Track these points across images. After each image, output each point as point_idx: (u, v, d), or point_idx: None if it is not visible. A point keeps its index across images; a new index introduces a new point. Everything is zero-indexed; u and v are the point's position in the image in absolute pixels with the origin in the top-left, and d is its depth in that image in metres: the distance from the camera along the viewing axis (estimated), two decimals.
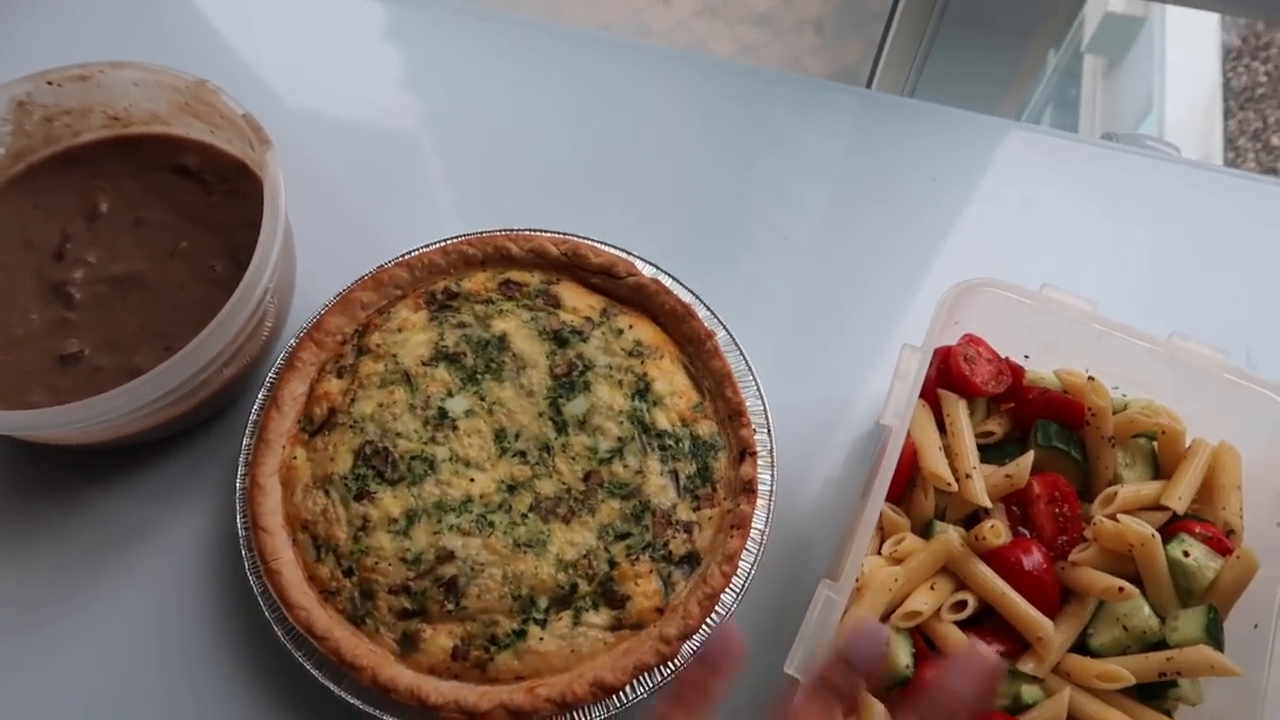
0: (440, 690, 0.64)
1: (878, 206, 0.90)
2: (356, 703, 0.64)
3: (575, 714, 0.64)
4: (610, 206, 0.88)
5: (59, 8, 0.99)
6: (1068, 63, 2.14)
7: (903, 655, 0.61)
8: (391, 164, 0.91)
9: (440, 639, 0.66)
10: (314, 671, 0.65)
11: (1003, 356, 0.74)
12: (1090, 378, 0.70)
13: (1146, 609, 0.64)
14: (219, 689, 0.67)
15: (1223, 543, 0.65)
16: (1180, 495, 0.67)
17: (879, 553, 0.66)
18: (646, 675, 0.65)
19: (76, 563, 0.72)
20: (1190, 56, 2.18)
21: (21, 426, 0.65)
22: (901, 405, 0.64)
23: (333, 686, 0.64)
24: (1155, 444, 0.72)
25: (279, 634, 0.66)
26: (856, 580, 0.63)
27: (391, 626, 0.66)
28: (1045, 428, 0.71)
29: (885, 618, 0.63)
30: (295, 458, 0.71)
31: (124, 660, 0.68)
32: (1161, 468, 0.71)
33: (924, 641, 0.64)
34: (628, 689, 0.65)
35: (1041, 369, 0.74)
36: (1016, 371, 0.74)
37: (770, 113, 0.97)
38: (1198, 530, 0.66)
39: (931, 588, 0.64)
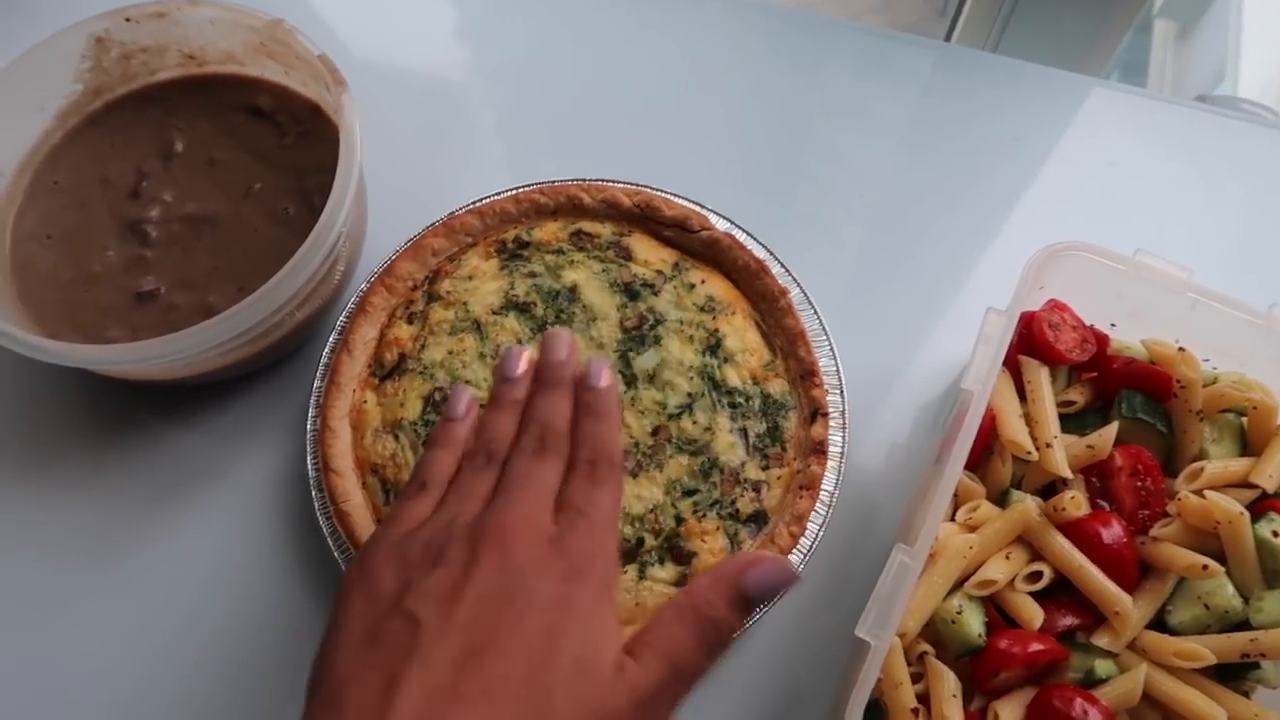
0: None
1: (957, 165, 0.88)
2: None
3: None
4: (683, 159, 0.86)
5: None
6: (1134, 32, 2.06)
7: (975, 624, 0.60)
8: (460, 113, 0.90)
9: None
10: None
11: (1088, 324, 0.72)
12: (1180, 348, 0.68)
13: (1230, 588, 0.62)
14: (287, 627, 0.68)
15: None
16: (1271, 473, 0.64)
17: (953, 519, 0.65)
18: None
19: (149, 498, 0.73)
20: (1270, 25, 2.08)
21: (99, 361, 0.66)
22: (985, 370, 0.62)
23: None
24: (1245, 420, 0.69)
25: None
26: (931, 546, 0.61)
27: None
28: (1130, 398, 0.68)
29: (959, 585, 0.62)
30: (365, 402, 0.72)
31: (194, 595, 0.70)
32: (1250, 444, 0.69)
33: (996, 611, 0.63)
34: None
35: (1128, 338, 0.72)
36: (1101, 340, 0.71)
37: (845, 66, 0.94)
38: None
39: (1007, 557, 0.63)
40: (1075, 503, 0.63)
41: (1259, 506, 0.65)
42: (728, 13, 0.97)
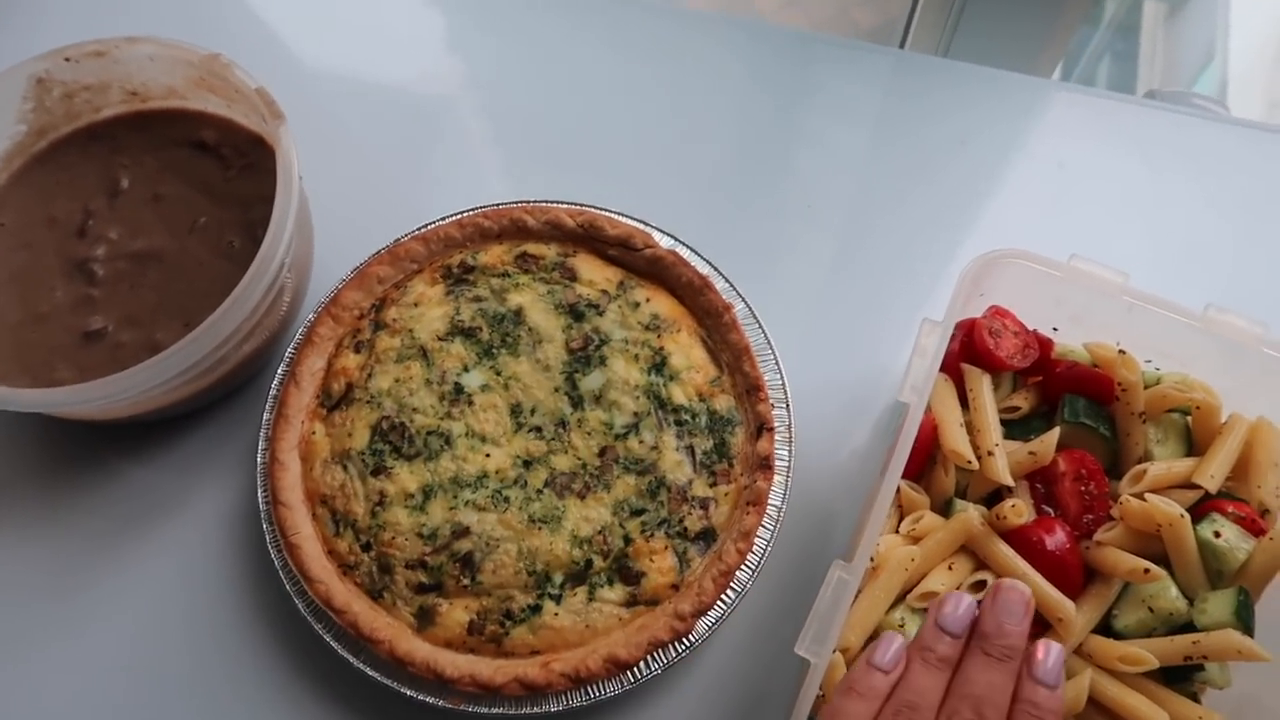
0: (456, 664, 0.65)
1: (906, 174, 0.88)
2: (374, 675, 0.65)
3: (589, 689, 0.64)
4: (628, 176, 0.86)
5: None
6: (1126, 13, 2.06)
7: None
8: (410, 135, 0.91)
9: (456, 613, 0.66)
10: (333, 643, 0.66)
11: (1030, 329, 0.72)
12: (1121, 351, 0.68)
13: (1174, 590, 0.62)
14: (242, 659, 0.69)
15: (1256, 523, 0.63)
16: (1213, 473, 0.64)
17: (897, 531, 0.65)
18: (661, 651, 0.65)
19: (103, 533, 0.73)
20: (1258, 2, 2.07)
21: (47, 404, 0.66)
22: (920, 381, 0.63)
23: (351, 659, 0.65)
24: (1189, 420, 0.69)
25: (299, 606, 0.67)
26: (871, 560, 0.62)
27: (409, 600, 0.67)
28: (1073, 403, 0.69)
29: (901, 598, 0.62)
30: (314, 433, 0.72)
31: (149, 630, 0.70)
32: (1195, 444, 0.69)
33: None
34: (641, 665, 0.65)
35: (1071, 342, 0.72)
36: (1044, 344, 0.72)
37: (796, 76, 0.94)
38: (1230, 510, 0.64)
39: (950, 567, 0.63)
40: (1016, 511, 0.63)
41: (1202, 508, 0.65)
42: (675, 26, 0.98)
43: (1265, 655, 0.58)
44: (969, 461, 0.65)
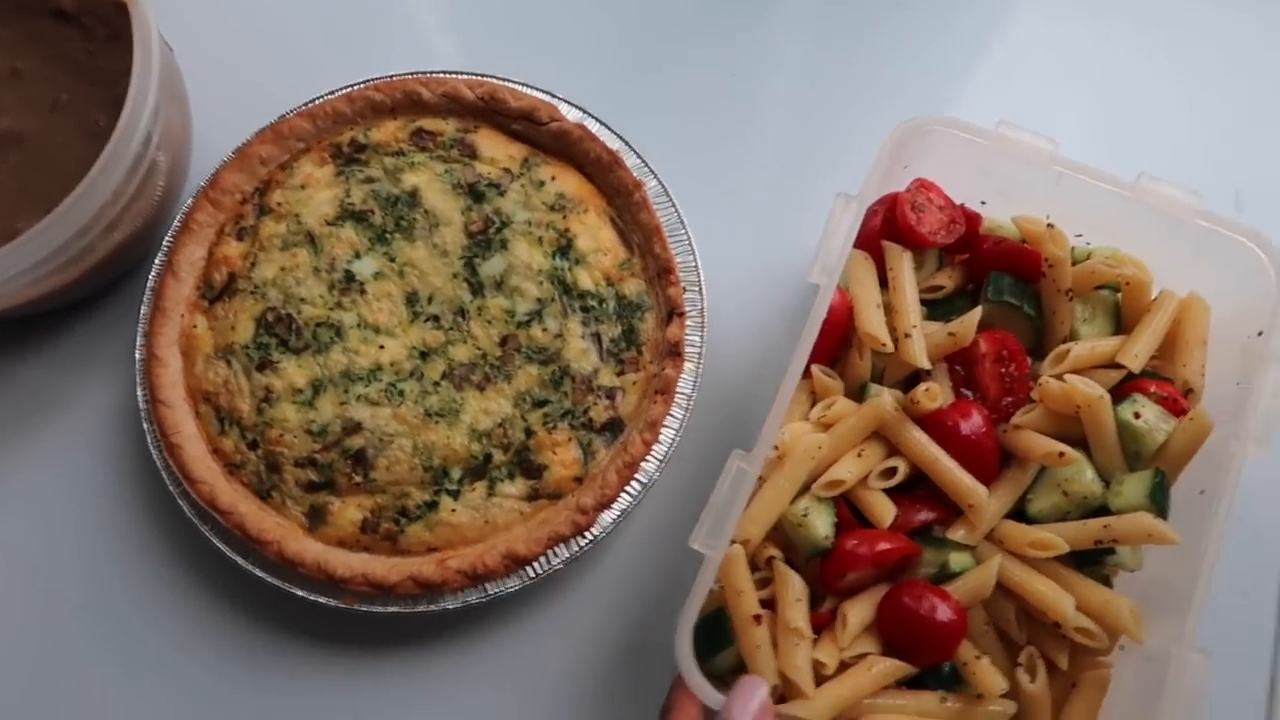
0: (349, 563, 0.62)
1: (838, 38, 0.81)
2: (264, 576, 0.62)
3: (487, 585, 0.62)
4: (533, 43, 0.80)
5: None
6: None
7: (822, 525, 0.58)
8: (290, 5, 0.83)
9: (349, 511, 0.63)
10: (220, 545, 0.63)
11: (958, 204, 0.67)
12: (1049, 225, 0.64)
13: (1089, 473, 0.60)
14: (131, 564, 0.66)
15: (1179, 403, 0.61)
16: (1137, 352, 0.61)
17: (809, 418, 0.62)
18: (562, 546, 0.63)
19: None
20: None
21: None
22: (831, 261, 0.59)
23: (240, 560, 0.63)
24: (1119, 297, 0.66)
25: (184, 508, 0.64)
26: (777, 448, 0.59)
27: (299, 499, 0.64)
28: (998, 280, 0.65)
29: (809, 486, 0.59)
30: (195, 326, 0.67)
31: (29, 538, 0.67)
32: (1124, 322, 0.66)
33: (851, 511, 0.60)
34: (542, 560, 0.62)
35: (1000, 216, 0.68)
36: (972, 220, 0.67)
37: None
38: (1153, 390, 0.61)
39: (859, 455, 0.60)
40: (930, 394, 0.60)
41: (1124, 388, 0.62)
42: None
43: (1175, 537, 0.56)
44: (883, 344, 0.61)
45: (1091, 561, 0.60)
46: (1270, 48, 0.81)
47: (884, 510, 0.59)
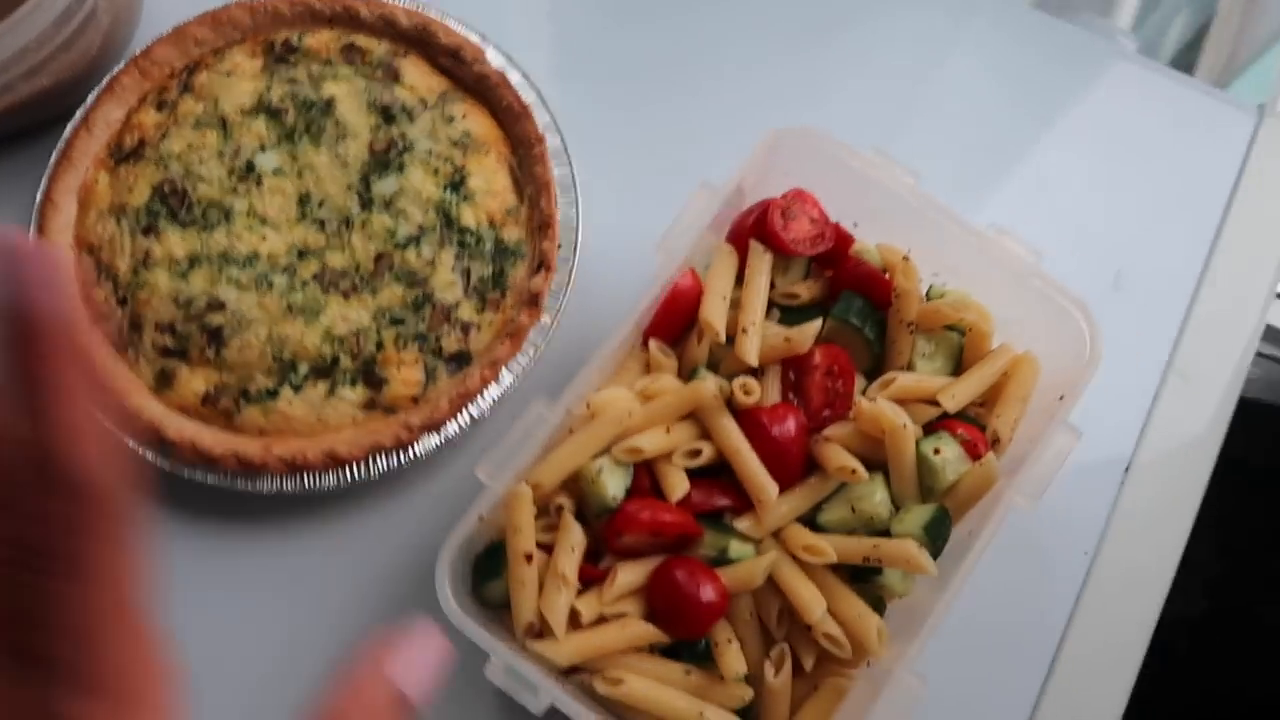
0: (181, 428, 0.66)
1: (770, 37, 0.83)
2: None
3: (305, 477, 0.66)
4: None
5: None
6: None
7: (613, 487, 0.61)
8: None
9: (195, 382, 0.67)
10: None
11: (833, 221, 0.70)
12: (905, 257, 0.66)
13: (879, 495, 0.62)
14: None
15: (978, 449, 0.63)
16: (955, 394, 0.64)
17: (633, 387, 0.65)
18: (382, 456, 0.66)
19: None
20: None
21: None
22: (675, 239, 0.61)
23: None
24: (964, 340, 0.68)
25: None
26: (589, 405, 0.62)
27: (151, 360, 0.67)
28: (849, 299, 0.67)
29: (607, 449, 0.62)
30: (97, 182, 0.71)
31: None
32: (964, 365, 0.68)
33: (651, 483, 0.63)
34: (361, 466, 0.66)
35: (869, 240, 0.70)
36: (844, 239, 0.70)
37: None
38: (959, 432, 0.63)
39: (667, 430, 0.63)
40: (746, 388, 0.63)
41: (936, 425, 0.64)
42: None
43: (930, 569, 0.58)
44: (717, 334, 0.64)
45: (863, 579, 0.62)
46: (1180, 126, 0.82)
47: (677, 485, 0.62)
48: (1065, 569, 0.70)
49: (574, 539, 0.60)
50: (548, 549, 0.61)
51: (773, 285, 0.69)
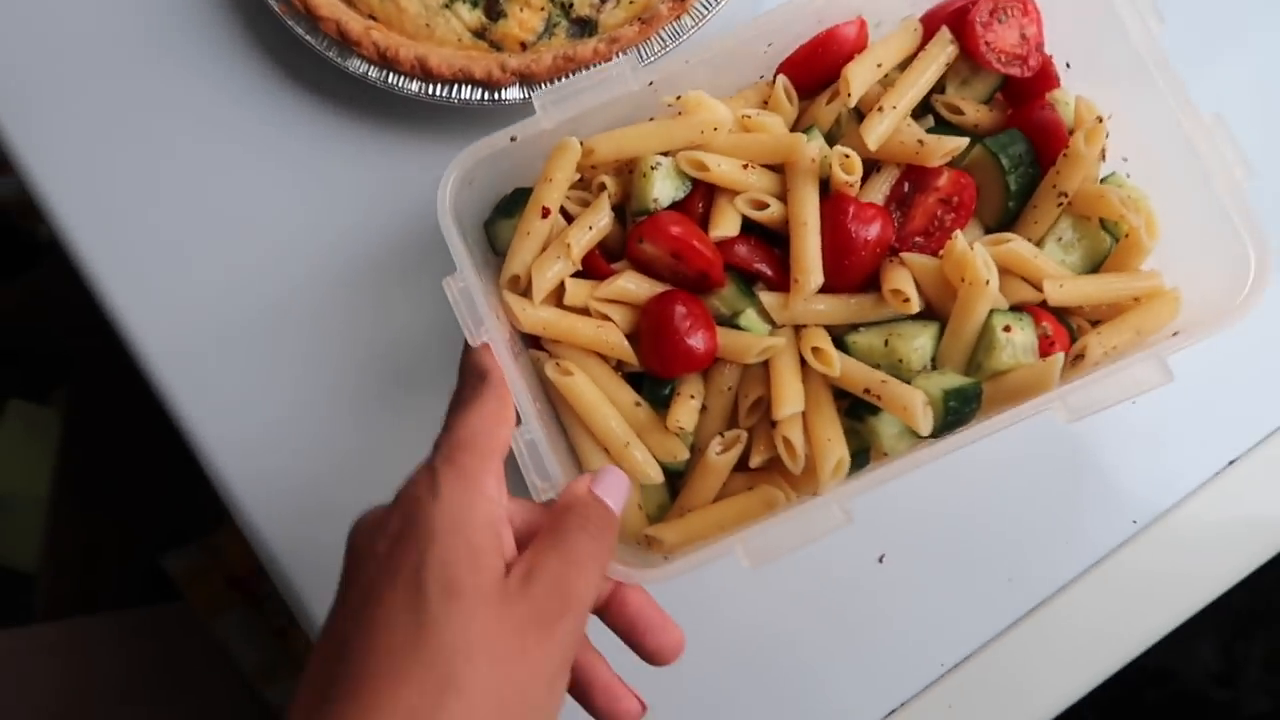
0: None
1: None
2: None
3: (390, 76, 0.63)
4: None
5: None
6: None
7: (662, 188, 0.55)
8: None
9: None
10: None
11: (1048, 52, 0.59)
12: (1100, 119, 0.55)
13: (920, 340, 0.55)
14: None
15: (1052, 349, 0.54)
16: (1065, 286, 0.54)
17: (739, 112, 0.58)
18: (466, 87, 0.63)
19: None
20: None
21: None
22: None
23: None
24: (1114, 248, 0.58)
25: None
26: (679, 99, 0.56)
27: None
28: (1013, 138, 0.58)
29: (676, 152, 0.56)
30: None
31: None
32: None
33: (704, 210, 0.57)
34: (441, 87, 0.63)
35: (1075, 89, 0.59)
36: (1048, 76, 0.59)
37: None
38: (1044, 324, 0.54)
39: (745, 166, 0.56)
40: (846, 165, 0.55)
41: (1030, 306, 0.55)
42: None
43: (922, 427, 0.51)
44: (850, 96, 0.56)
45: (857, 416, 0.55)
46: None
47: (726, 223, 0.56)
48: (1103, 534, 0.62)
49: (598, 220, 0.56)
50: (570, 219, 0.57)
51: (942, 90, 0.60)
